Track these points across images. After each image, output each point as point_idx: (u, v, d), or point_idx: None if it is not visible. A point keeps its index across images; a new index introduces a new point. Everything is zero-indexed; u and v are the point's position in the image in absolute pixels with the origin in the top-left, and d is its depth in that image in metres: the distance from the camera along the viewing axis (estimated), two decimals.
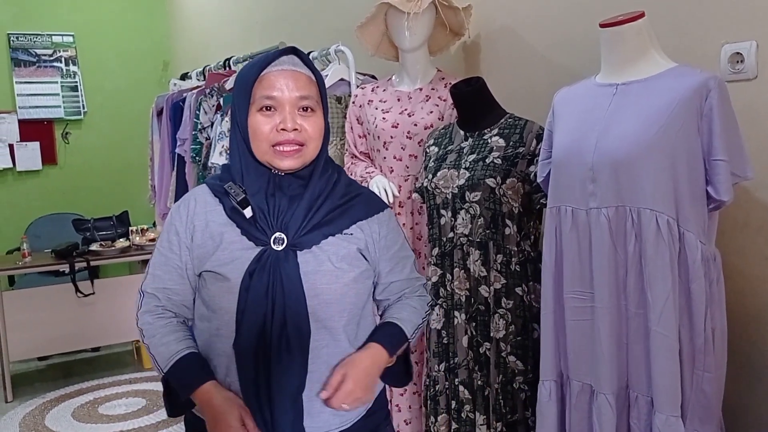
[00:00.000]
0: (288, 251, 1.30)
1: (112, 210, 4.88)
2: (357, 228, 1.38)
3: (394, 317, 1.43)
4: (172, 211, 1.40)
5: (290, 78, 1.32)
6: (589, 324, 1.67)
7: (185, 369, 1.32)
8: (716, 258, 1.61)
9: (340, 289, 1.32)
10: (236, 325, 1.30)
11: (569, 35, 2.19)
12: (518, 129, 2.01)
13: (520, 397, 1.97)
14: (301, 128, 1.31)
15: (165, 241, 1.38)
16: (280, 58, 1.33)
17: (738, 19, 1.72)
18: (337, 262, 1.33)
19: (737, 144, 1.55)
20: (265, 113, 1.32)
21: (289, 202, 1.34)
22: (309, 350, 1.30)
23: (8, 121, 5.38)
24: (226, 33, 4.79)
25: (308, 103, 1.33)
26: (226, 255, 1.31)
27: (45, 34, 5.51)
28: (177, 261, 1.36)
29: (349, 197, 1.39)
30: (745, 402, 1.78)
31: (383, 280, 1.44)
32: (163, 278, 1.37)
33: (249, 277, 1.29)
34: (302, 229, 1.32)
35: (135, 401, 3.92)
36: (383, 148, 2.40)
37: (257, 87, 1.32)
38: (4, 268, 4.11)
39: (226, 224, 1.34)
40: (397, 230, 1.47)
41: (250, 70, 1.34)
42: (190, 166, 3.47)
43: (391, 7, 2.30)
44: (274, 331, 1.28)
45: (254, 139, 1.32)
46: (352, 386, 1.29)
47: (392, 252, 1.43)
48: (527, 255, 1.98)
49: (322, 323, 1.31)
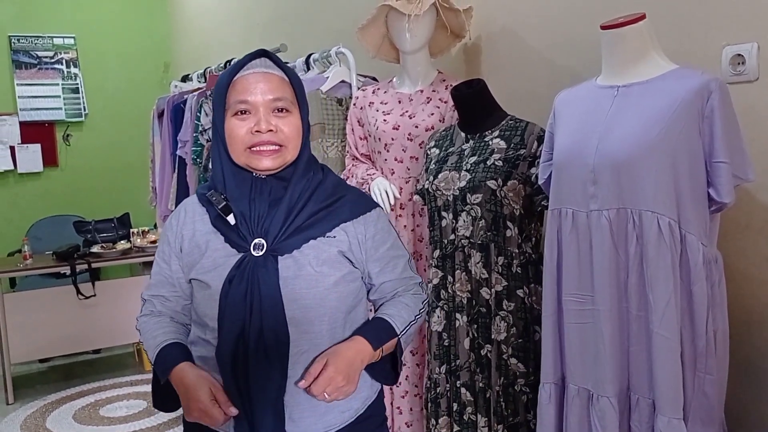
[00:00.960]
0: (267, 257, 1.30)
1: (113, 212, 4.88)
2: (340, 230, 1.36)
3: (383, 313, 1.41)
4: (166, 222, 1.45)
5: (262, 80, 1.32)
6: (589, 327, 1.67)
7: (165, 355, 1.34)
8: (718, 260, 1.60)
9: (320, 293, 1.31)
10: (218, 331, 1.30)
11: (570, 37, 2.19)
12: (519, 131, 2.01)
13: (521, 400, 1.97)
14: (277, 129, 1.32)
15: (159, 251, 1.44)
16: (252, 62, 1.34)
17: (739, 20, 1.72)
18: (318, 266, 1.32)
19: (738, 146, 1.54)
20: (239, 117, 1.32)
21: (269, 206, 1.34)
22: (288, 356, 1.29)
23: (9, 123, 5.38)
24: (227, 35, 4.80)
25: (282, 104, 1.33)
26: (210, 262, 1.33)
27: (46, 36, 5.52)
28: (167, 270, 1.41)
29: (335, 198, 1.38)
30: (747, 404, 1.78)
31: (374, 280, 1.42)
32: (157, 286, 1.42)
33: (228, 284, 1.29)
34: (282, 234, 1.32)
35: (136, 403, 3.92)
36: (384, 150, 2.40)
37: (231, 92, 1.33)
38: (5, 270, 4.12)
39: (211, 232, 1.35)
40: (387, 230, 1.45)
41: (223, 76, 1.35)
42: (191, 168, 3.47)
43: (391, 9, 2.30)
44: (252, 338, 1.28)
45: (231, 143, 1.33)
46: (333, 373, 1.26)
47: (381, 252, 1.41)
48: (528, 257, 1.97)
49: (302, 328, 1.30)
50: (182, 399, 1.30)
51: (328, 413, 1.34)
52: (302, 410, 1.31)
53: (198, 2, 5.34)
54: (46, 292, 4.29)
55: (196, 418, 1.28)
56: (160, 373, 1.34)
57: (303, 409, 1.31)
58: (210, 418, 1.26)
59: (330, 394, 1.26)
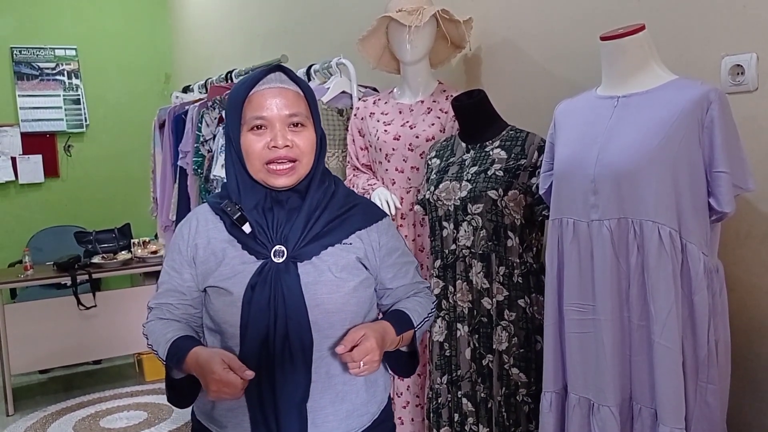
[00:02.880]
0: (288, 263, 1.32)
1: (114, 222, 4.88)
2: (356, 237, 1.39)
3: (401, 306, 1.44)
4: (176, 231, 1.45)
5: (278, 96, 1.34)
6: (590, 336, 1.66)
7: (177, 346, 1.32)
8: (719, 269, 1.61)
9: (341, 298, 1.34)
10: (240, 338, 1.31)
11: (570, 48, 2.20)
12: (520, 141, 2.02)
13: (523, 410, 1.97)
14: (293, 144, 1.33)
15: (169, 260, 1.43)
16: (267, 76, 1.36)
17: (738, 31, 1.73)
18: (338, 272, 1.34)
19: (738, 156, 1.55)
20: (256, 132, 1.34)
21: (288, 214, 1.36)
22: (312, 360, 1.31)
23: (11, 134, 5.40)
24: (228, 46, 4.82)
25: (298, 119, 1.35)
26: (228, 270, 1.34)
27: (47, 47, 5.54)
28: (177, 279, 1.41)
29: (348, 207, 1.41)
30: (748, 413, 1.78)
31: (387, 285, 1.45)
32: (165, 295, 1.42)
33: (251, 290, 1.31)
34: (302, 241, 1.34)
35: (136, 414, 3.90)
36: (385, 160, 2.41)
37: (247, 107, 1.34)
38: (6, 281, 4.11)
39: (227, 240, 1.37)
40: (397, 237, 1.49)
41: (239, 90, 1.36)
42: (192, 178, 3.48)
43: (392, 20, 2.31)
44: (277, 343, 1.29)
45: (248, 158, 1.35)
46: (371, 346, 1.26)
47: (393, 258, 1.45)
48: (530, 267, 1.98)
49: (324, 333, 1.33)
50: (200, 379, 1.28)
51: (348, 417, 1.36)
52: (325, 415, 1.33)
53: (199, 13, 5.36)
54: (46, 302, 4.28)
55: (215, 393, 1.24)
56: (174, 364, 1.33)
57: (326, 413, 1.33)
58: (227, 387, 1.22)
59: (365, 364, 1.26)
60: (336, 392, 1.35)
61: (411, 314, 1.41)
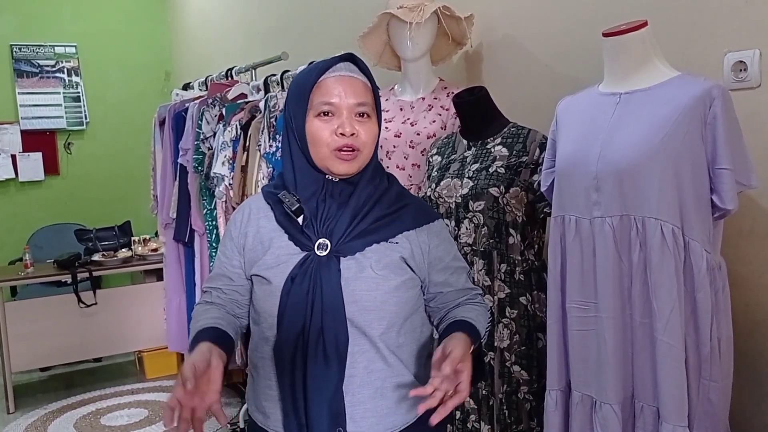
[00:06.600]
0: (331, 257, 1.32)
1: (114, 220, 4.88)
2: (403, 237, 1.37)
3: (465, 316, 1.39)
4: (230, 218, 1.47)
5: (348, 84, 1.33)
6: (593, 334, 1.66)
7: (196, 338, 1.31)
8: (722, 267, 1.60)
9: (380, 296, 1.32)
10: (276, 328, 1.32)
11: (572, 44, 2.19)
12: (521, 138, 2.01)
13: (524, 408, 1.96)
14: (358, 133, 1.33)
15: (222, 245, 1.46)
16: (338, 65, 1.35)
17: (741, 27, 1.73)
18: (379, 269, 1.33)
19: (741, 152, 1.54)
20: (323, 118, 1.33)
21: (337, 208, 1.36)
22: (347, 356, 1.30)
23: (11, 131, 5.39)
24: (229, 43, 4.81)
25: (365, 110, 1.34)
26: (273, 259, 1.35)
27: (47, 44, 5.53)
28: (228, 265, 1.42)
29: (399, 206, 1.39)
30: (751, 411, 1.78)
31: (437, 289, 1.43)
32: (215, 279, 1.44)
33: (291, 282, 1.31)
34: (346, 236, 1.33)
35: (137, 412, 3.91)
36: (386, 157, 2.40)
37: (315, 93, 1.34)
38: (6, 279, 4.11)
39: (275, 230, 1.37)
40: (450, 240, 1.47)
41: (308, 77, 1.36)
42: (193, 176, 3.46)
43: (393, 17, 2.30)
44: (312, 336, 1.29)
45: (313, 144, 1.34)
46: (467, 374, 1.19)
47: (446, 262, 1.42)
48: (531, 264, 1.97)
49: (360, 330, 1.31)
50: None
51: (390, 414, 1.35)
52: (364, 410, 1.32)
53: (199, 11, 5.35)
54: (47, 300, 4.28)
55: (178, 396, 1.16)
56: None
57: (366, 409, 1.32)
58: (176, 388, 1.15)
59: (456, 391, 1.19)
60: (375, 388, 1.33)
61: (477, 325, 1.37)
